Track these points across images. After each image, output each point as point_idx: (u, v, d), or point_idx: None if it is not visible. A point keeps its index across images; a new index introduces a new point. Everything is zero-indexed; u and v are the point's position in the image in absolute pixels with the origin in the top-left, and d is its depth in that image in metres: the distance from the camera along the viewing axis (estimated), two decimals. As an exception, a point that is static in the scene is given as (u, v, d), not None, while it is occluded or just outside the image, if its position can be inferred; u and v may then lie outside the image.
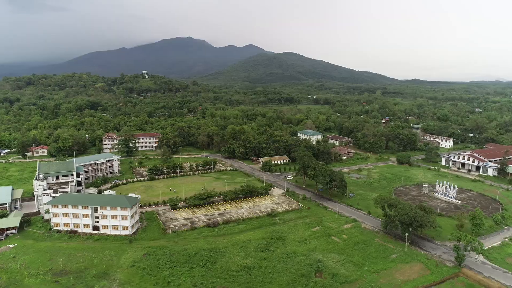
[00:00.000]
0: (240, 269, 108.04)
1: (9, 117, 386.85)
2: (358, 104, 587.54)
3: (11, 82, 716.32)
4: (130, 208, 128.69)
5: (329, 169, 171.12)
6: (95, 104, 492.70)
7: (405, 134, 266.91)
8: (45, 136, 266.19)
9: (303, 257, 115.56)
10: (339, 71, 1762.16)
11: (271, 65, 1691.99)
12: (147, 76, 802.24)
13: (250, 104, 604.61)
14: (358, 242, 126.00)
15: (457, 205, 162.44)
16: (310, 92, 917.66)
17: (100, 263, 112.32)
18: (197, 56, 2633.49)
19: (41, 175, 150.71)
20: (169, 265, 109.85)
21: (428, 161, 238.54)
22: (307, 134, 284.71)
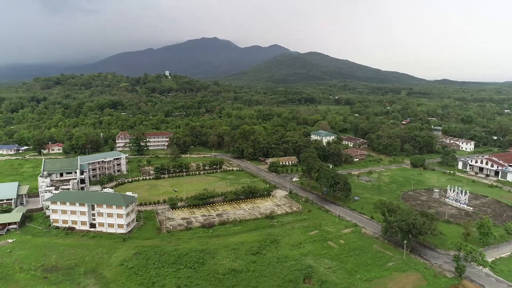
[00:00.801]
0: (227, 272, 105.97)
1: (34, 115, 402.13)
2: (380, 105, 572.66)
3: (40, 82, 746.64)
4: (125, 206, 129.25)
5: (333, 171, 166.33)
6: (116, 103, 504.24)
7: (421, 136, 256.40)
8: (63, 134, 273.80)
9: (294, 261, 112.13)
10: (365, 71, 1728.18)
11: (295, 65, 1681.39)
12: (170, 76, 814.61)
13: (269, 104, 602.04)
14: (354, 248, 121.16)
15: (468, 212, 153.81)
16: (333, 92, 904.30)
17: (91, 261, 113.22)
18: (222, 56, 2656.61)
19: (45, 172, 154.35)
20: (157, 265, 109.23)
21: (445, 165, 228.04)
22: (319, 135, 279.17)
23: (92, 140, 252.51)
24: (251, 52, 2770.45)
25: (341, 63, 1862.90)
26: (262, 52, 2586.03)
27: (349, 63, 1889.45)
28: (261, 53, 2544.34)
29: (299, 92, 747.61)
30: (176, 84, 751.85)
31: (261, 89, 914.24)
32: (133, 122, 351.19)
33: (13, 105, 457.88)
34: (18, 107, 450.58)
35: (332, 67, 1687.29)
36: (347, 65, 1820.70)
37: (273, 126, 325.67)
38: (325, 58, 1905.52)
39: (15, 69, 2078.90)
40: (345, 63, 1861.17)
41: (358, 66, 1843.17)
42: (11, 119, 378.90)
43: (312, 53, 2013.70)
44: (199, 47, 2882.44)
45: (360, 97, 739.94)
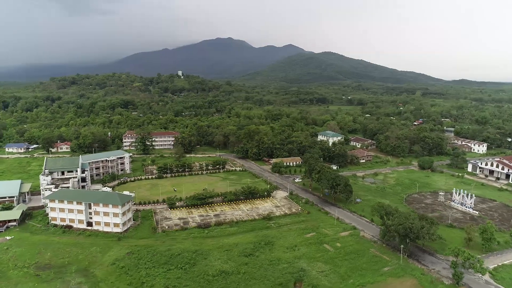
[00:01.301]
0: (217, 273, 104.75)
1: (47, 114, 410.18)
2: (393, 105, 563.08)
3: (56, 82, 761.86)
4: (121, 205, 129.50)
5: (334, 173, 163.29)
6: (127, 102, 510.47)
7: (431, 138, 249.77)
8: (72, 133, 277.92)
9: (287, 264, 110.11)
10: (380, 71, 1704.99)
11: (309, 65, 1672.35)
12: (182, 76, 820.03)
13: (281, 104, 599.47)
14: (351, 252, 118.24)
15: (474, 216, 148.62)
16: (347, 92, 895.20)
17: (84, 259, 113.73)
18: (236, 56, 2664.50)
19: (47, 170, 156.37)
20: (148, 265, 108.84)
21: (454, 167, 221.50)
22: (326, 136, 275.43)
23: (99, 139, 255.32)
24: (265, 52, 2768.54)
25: (356, 63, 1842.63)
26: (276, 52, 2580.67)
27: (364, 63, 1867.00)
28: (275, 53, 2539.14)
29: (311, 92, 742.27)
30: (188, 84, 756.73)
31: (274, 89, 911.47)
32: (142, 122, 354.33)
33: (28, 104, 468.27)
34: (32, 106, 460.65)
35: (347, 67, 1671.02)
36: (362, 65, 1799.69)
37: (281, 126, 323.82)
38: (340, 58, 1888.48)
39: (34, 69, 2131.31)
40: (360, 63, 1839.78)
41: (373, 66, 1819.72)
42: (25, 118, 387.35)
43: (327, 53, 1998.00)
44: (213, 47, 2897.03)
45: (373, 97, 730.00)
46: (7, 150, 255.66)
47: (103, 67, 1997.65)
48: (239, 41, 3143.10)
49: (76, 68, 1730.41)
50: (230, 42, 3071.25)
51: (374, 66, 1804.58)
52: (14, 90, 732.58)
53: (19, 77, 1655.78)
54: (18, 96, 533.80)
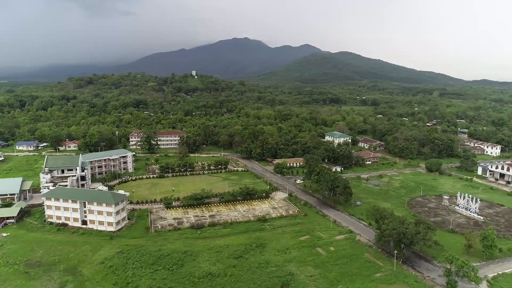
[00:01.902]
0: (204, 275, 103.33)
1: (60, 113, 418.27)
2: (408, 106, 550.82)
3: (74, 81, 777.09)
4: (115, 204, 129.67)
5: (333, 174, 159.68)
6: (140, 102, 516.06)
7: (440, 139, 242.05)
8: (81, 131, 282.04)
9: (276, 268, 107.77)
10: (398, 71, 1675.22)
11: (325, 65, 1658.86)
12: (196, 76, 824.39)
13: (293, 104, 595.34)
14: (343, 256, 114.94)
15: (478, 222, 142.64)
16: (362, 92, 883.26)
17: (74, 258, 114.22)
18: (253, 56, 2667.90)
19: (47, 168, 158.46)
20: (136, 265, 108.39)
21: (463, 170, 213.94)
22: (333, 136, 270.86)
23: (106, 138, 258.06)
24: (281, 52, 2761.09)
25: (373, 62, 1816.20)
26: (292, 52, 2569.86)
27: (381, 62, 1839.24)
28: (291, 53, 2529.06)
29: (324, 92, 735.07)
30: (201, 84, 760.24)
31: (288, 89, 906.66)
32: (151, 121, 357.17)
33: (44, 103, 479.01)
34: (48, 105, 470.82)
35: (363, 67, 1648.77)
36: (379, 64, 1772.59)
37: (289, 127, 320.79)
38: (357, 58, 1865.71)
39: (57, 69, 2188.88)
40: (377, 63, 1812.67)
41: (391, 66, 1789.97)
42: (39, 117, 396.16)
43: (344, 52, 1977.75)
44: (230, 48, 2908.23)
45: (388, 97, 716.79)
46: (17, 148, 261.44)
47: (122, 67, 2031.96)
48: (255, 41, 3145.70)
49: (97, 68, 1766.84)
50: (247, 42, 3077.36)
51: (392, 66, 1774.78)
52: (33, 89, 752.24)
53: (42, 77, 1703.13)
54: (35, 95, 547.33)
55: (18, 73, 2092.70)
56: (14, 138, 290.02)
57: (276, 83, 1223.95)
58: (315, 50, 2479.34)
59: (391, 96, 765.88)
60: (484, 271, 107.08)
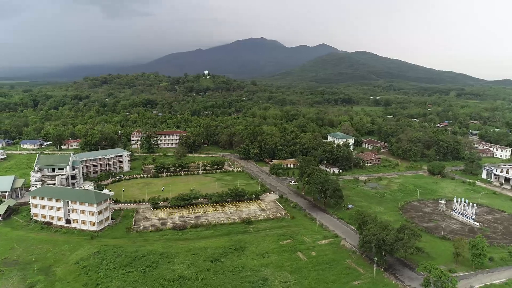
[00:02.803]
0: (175, 278, 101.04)
1: (70, 112, 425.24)
2: (421, 107, 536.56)
3: (89, 81, 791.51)
4: (97, 204, 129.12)
5: (324, 176, 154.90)
6: (150, 101, 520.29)
7: (446, 141, 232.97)
8: (84, 130, 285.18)
9: (250, 272, 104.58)
10: (416, 70, 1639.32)
11: (341, 64, 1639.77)
12: (208, 76, 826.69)
13: (304, 104, 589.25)
14: (324, 262, 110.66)
15: (474, 228, 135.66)
16: (376, 93, 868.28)
17: (51, 257, 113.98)
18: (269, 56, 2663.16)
19: (37, 166, 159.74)
20: (109, 266, 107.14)
21: (468, 173, 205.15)
22: (336, 137, 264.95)
23: (107, 137, 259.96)
24: (298, 52, 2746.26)
25: (390, 62, 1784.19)
26: (309, 52, 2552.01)
27: (399, 62, 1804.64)
28: (308, 53, 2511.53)
29: (337, 93, 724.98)
30: (213, 84, 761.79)
31: (301, 89, 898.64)
32: (156, 120, 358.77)
33: (56, 102, 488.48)
34: (59, 104, 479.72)
35: (380, 66, 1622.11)
36: (396, 64, 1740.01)
37: (293, 127, 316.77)
38: (374, 58, 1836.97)
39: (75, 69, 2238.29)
40: (395, 63, 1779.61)
41: (408, 65, 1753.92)
42: (49, 116, 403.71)
43: (360, 52, 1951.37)
44: (246, 48, 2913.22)
45: (403, 97, 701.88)
46: (22, 146, 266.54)
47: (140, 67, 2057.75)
48: (271, 41, 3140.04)
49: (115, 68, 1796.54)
50: (263, 42, 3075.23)
51: (410, 66, 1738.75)
52: (50, 89, 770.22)
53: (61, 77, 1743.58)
54: (49, 95, 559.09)
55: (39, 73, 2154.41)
56: (21, 137, 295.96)
57: (290, 83, 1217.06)
58: (332, 49, 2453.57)
59: (406, 97, 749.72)
60: (470, 281, 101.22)
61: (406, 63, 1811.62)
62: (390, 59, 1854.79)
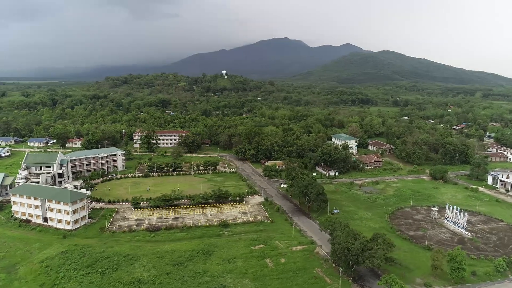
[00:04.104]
0: (131, 281, 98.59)
1: (85, 111, 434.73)
2: (441, 107, 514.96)
3: (110, 81, 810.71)
4: (71, 203, 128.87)
5: (308, 179, 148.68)
6: (164, 101, 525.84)
7: (453, 144, 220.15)
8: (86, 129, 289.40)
9: (210, 278, 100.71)
10: (443, 70, 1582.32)
11: (365, 64, 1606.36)
12: (226, 76, 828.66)
13: (319, 104, 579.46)
14: (291, 270, 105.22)
15: (464, 238, 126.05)
16: (398, 93, 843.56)
17: (19, 255, 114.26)
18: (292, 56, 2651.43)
19: (24, 164, 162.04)
20: (71, 267, 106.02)
21: (474, 179, 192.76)
22: (339, 139, 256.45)
23: (109, 136, 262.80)
24: (322, 51, 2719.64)
25: (417, 62, 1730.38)
26: (333, 52, 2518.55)
27: (426, 62, 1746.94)
28: (332, 53, 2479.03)
29: (355, 93, 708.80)
30: (230, 84, 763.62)
31: (320, 89, 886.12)
32: (164, 120, 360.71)
33: (73, 102, 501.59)
34: (76, 104, 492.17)
35: (406, 66, 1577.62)
36: (423, 64, 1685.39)
37: (301, 128, 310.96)
38: (399, 57, 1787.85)
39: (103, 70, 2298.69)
40: (422, 62, 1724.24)
41: (436, 65, 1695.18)
42: (64, 115, 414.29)
43: (385, 51, 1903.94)
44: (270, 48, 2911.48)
45: (424, 98, 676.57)
46: (29, 144, 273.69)
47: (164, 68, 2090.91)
48: (295, 41, 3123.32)
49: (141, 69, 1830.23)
50: (287, 42, 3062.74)
51: (437, 66, 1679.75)
52: (73, 88, 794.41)
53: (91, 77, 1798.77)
54: (69, 94, 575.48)
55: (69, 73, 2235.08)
56: (31, 135, 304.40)
57: (311, 83, 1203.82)
58: (356, 49, 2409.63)
59: (428, 97, 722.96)
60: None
61: (434, 63, 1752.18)
62: (417, 59, 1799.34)
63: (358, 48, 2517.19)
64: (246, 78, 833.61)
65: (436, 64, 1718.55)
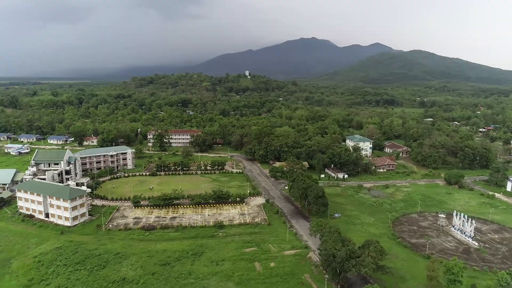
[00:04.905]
0: (116, 280, 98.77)
1: (108, 110, 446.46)
2: (470, 109, 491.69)
3: (136, 81, 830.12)
4: (70, 200, 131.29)
5: (308, 181, 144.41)
6: (185, 101, 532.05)
7: (472, 148, 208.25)
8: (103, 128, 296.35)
9: (194, 280, 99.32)
10: (478, 70, 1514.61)
11: (393, 64, 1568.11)
12: (249, 76, 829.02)
13: (343, 105, 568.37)
14: (278, 275, 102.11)
15: (470, 248, 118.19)
16: (427, 94, 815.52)
17: (16, 249, 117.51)
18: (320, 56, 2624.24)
19: (33, 161, 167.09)
20: (62, 263, 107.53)
21: (492, 184, 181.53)
22: (353, 140, 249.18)
23: (123, 135, 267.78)
24: (350, 51, 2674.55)
25: (449, 61, 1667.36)
26: (361, 52, 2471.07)
27: (459, 61, 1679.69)
28: (360, 53, 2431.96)
29: (379, 93, 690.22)
30: (253, 84, 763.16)
31: (345, 89, 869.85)
32: (181, 119, 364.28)
33: (98, 101, 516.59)
34: (100, 103, 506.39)
35: (437, 66, 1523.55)
36: (456, 64, 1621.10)
37: (316, 128, 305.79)
38: (430, 57, 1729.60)
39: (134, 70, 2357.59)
40: (455, 62, 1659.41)
41: (470, 65, 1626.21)
42: (88, 113, 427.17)
43: (416, 51, 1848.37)
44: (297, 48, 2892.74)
45: (454, 99, 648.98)
46: (49, 141, 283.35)
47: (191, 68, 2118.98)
48: (323, 41, 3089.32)
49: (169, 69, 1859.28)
50: (314, 42, 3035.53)
51: (471, 65, 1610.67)
52: (101, 88, 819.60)
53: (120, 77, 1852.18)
54: (95, 94, 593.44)
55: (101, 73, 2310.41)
56: (53, 133, 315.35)
57: (337, 83, 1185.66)
58: (386, 49, 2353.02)
59: (459, 98, 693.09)
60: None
61: (468, 63, 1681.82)
62: (450, 58, 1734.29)
63: (387, 47, 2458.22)
64: (268, 78, 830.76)
65: (470, 64, 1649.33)
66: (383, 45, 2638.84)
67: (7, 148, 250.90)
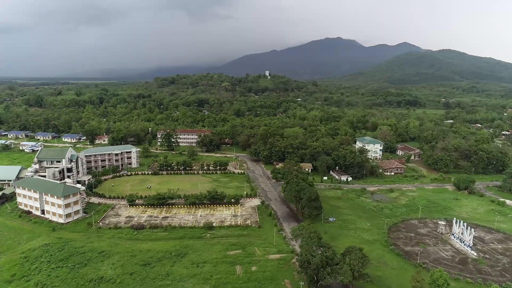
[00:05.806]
0: (94, 279, 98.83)
1: (126, 110, 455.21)
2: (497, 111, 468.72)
3: (158, 81, 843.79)
4: (63, 197, 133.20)
5: (302, 184, 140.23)
6: (202, 101, 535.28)
7: (486, 151, 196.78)
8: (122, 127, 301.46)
9: (171, 282, 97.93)
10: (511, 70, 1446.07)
11: (421, 64, 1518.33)
12: (269, 76, 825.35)
13: (363, 106, 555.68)
14: (257, 279, 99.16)
15: (467, 259, 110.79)
16: (454, 95, 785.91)
17: (7, 245, 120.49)
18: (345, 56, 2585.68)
19: (36, 158, 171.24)
20: (47, 260, 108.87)
21: (506, 191, 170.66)
22: (363, 142, 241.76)
23: (134, 134, 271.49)
24: (376, 51, 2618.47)
25: (480, 61, 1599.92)
26: (388, 51, 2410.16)
27: (491, 61, 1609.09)
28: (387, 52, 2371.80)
29: (402, 94, 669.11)
30: (273, 84, 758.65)
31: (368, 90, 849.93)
32: (193, 119, 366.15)
33: (118, 100, 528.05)
34: (119, 102, 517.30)
35: (467, 66, 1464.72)
36: (488, 63, 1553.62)
37: (328, 129, 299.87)
38: (460, 56, 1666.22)
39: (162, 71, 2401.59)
40: (486, 62, 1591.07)
41: (503, 64, 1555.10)
42: (106, 113, 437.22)
43: (445, 50, 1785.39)
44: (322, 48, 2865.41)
45: (481, 100, 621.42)
46: (64, 139, 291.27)
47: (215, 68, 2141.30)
48: (348, 41, 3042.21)
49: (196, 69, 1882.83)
50: (339, 42, 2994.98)
51: (504, 65, 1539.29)
52: (124, 88, 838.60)
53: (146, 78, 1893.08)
54: (116, 93, 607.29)
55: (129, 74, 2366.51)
56: (69, 131, 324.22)
57: (360, 83, 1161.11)
58: (414, 48, 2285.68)
59: (487, 99, 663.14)
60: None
61: (501, 62, 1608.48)
62: (481, 58, 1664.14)
63: (415, 47, 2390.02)
64: (288, 79, 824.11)
65: (503, 64, 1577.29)
66: (411, 44, 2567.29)
67: (22, 146, 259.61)
